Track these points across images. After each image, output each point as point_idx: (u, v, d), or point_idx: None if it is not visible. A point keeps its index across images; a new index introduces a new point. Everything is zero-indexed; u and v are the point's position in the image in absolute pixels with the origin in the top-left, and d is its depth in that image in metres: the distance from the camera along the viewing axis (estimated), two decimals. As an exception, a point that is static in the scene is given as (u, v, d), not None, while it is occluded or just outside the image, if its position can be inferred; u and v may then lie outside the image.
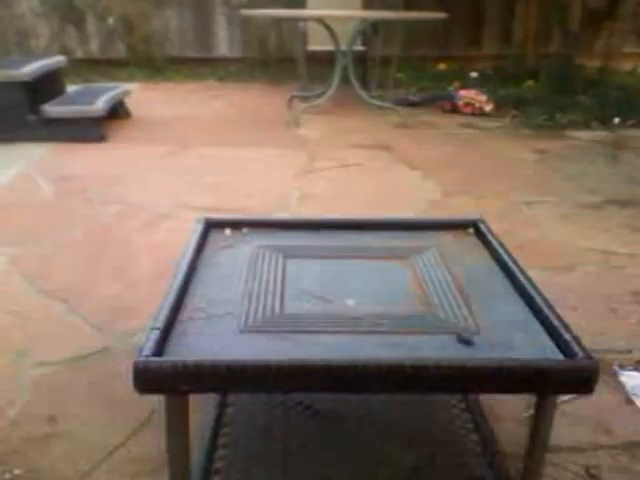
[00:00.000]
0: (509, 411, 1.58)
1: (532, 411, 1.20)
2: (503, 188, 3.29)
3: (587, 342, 1.87)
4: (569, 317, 2.01)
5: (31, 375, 1.72)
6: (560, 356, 1.19)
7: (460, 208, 2.98)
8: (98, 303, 2.08)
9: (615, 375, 1.76)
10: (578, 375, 1.14)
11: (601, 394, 1.67)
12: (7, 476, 1.35)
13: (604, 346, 1.87)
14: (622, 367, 1.80)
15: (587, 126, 4.59)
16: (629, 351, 1.87)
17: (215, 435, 1.38)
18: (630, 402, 1.66)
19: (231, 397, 1.54)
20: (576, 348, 1.17)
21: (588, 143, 4.26)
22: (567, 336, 1.21)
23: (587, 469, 1.43)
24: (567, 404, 1.61)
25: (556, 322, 1.27)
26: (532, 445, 1.21)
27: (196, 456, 1.28)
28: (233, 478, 1.28)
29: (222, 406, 1.47)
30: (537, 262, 2.43)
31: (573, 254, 2.56)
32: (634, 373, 1.77)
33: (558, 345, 1.21)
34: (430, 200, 3.12)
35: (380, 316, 1.32)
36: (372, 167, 3.66)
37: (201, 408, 1.43)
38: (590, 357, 1.15)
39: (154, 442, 1.38)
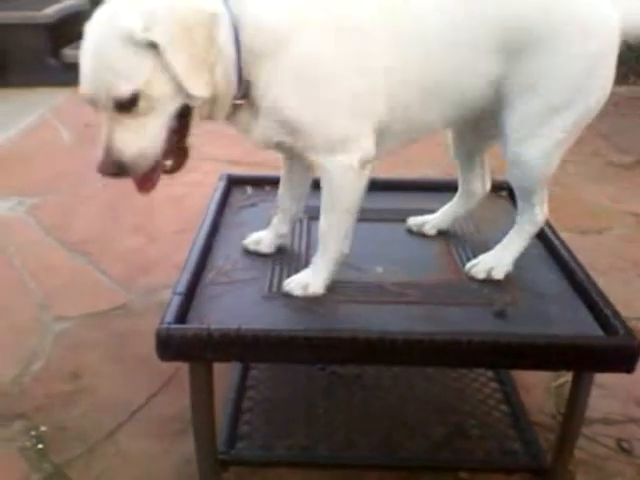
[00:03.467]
0: (538, 380, 1.54)
1: (562, 380, 1.16)
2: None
3: (623, 309, 1.84)
4: (603, 282, 1.96)
5: (53, 329, 1.71)
6: (600, 332, 1.13)
7: (490, 168, 2.87)
8: (118, 257, 2.05)
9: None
10: (618, 353, 1.08)
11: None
12: (33, 433, 1.35)
13: (635, 313, 1.81)
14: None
15: (624, 80, 4.36)
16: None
17: (239, 399, 1.36)
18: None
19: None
20: (617, 325, 1.11)
21: (624, 99, 4.05)
22: (608, 311, 1.15)
23: (619, 442, 1.40)
24: (600, 375, 1.57)
25: (596, 295, 1.20)
26: (567, 422, 1.17)
27: (221, 421, 1.27)
28: (257, 443, 1.26)
29: (246, 369, 1.45)
30: (567, 224, 2.33)
31: (604, 216, 2.46)
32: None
33: (598, 320, 1.16)
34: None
35: (410, 285, 1.26)
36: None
37: (226, 371, 1.41)
38: (632, 334, 1.09)
39: (178, 402, 1.37)
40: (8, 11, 4.00)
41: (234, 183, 1.69)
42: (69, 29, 4.15)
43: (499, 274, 1.28)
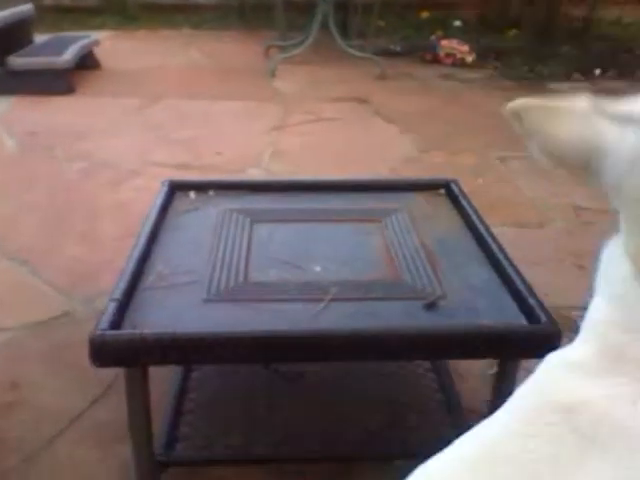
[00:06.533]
0: (473, 369, 1.60)
1: (496, 369, 1.21)
2: (480, 143, 3.24)
3: (553, 299, 1.92)
4: (537, 274, 2.03)
5: (-8, 341, 1.68)
6: (524, 321, 1.18)
7: (435, 165, 2.95)
8: (61, 265, 2.03)
9: (578, 332, 1.78)
10: (541, 340, 1.13)
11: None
12: None
13: (569, 302, 1.89)
14: (588, 325, 1.81)
15: (568, 78, 4.52)
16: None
17: (180, 401, 1.37)
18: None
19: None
20: (540, 313, 1.16)
21: (568, 96, 4.21)
22: (532, 301, 1.20)
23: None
24: (530, 361, 1.63)
25: (521, 286, 1.26)
26: (494, 407, 1.21)
27: (160, 423, 1.27)
28: (198, 443, 1.28)
29: (187, 371, 1.46)
30: (509, 218, 2.43)
31: (545, 210, 2.55)
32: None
33: (522, 310, 1.21)
34: (405, 156, 3.07)
35: (347, 283, 1.30)
36: (348, 121, 3.59)
37: (166, 374, 1.42)
38: (553, 322, 1.14)
39: (118, 408, 1.35)
40: (-51, 18, 3.89)
41: (177, 188, 1.70)
42: (14, 37, 4.07)
43: None
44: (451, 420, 1.37)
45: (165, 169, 2.67)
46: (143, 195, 2.33)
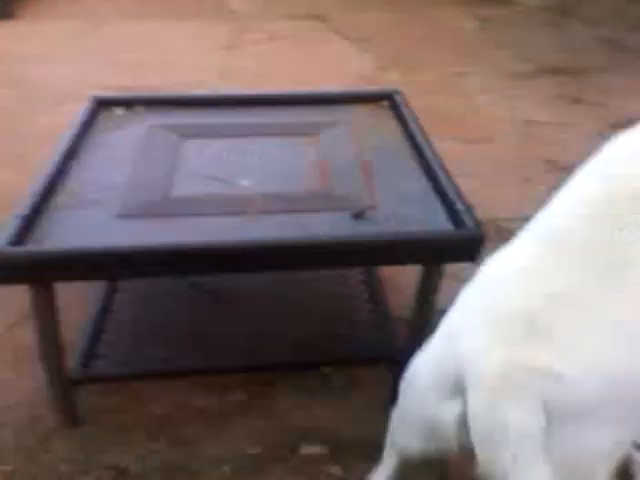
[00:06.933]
0: (410, 280, 1.58)
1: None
2: (438, 59, 3.14)
3: (498, 211, 1.90)
4: (484, 187, 2.00)
5: None
6: (451, 227, 1.15)
7: (391, 82, 2.84)
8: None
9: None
10: (464, 245, 1.11)
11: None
12: None
13: (513, 214, 1.87)
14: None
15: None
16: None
17: (101, 320, 1.34)
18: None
19: (123, 283, 1.48)
20: (466, 218, 1.13)
21: (533, 10, 4.06)
22: (459, 206, 1.17)
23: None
24: (467, 271, 1.62)
25: (452, 194, 1.22)
26: (418, 312, 1.20)
27: (78, 342, 1.24)
28: (117, 360, 1.25)
29: (111, 292, 1.42)
30: (460, 133, 2.38)
31: (496, 125, 2.50)
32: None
33: (451, 217, 1.18)
34: (361, 74, 2.96)
35: (274, 196, 1.25)
36: (304, 39, 3.43)
37: (89, 295, 1.38)
38: (477, 226, 1.12)
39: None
40: None
41: (103, 105, 1.60)
42: None
43: None
44: (378, 328, 1.36)
45: (106, 92, 2.53)
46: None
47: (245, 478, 1.15)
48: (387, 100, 1.66)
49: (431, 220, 1.18)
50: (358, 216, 1.19)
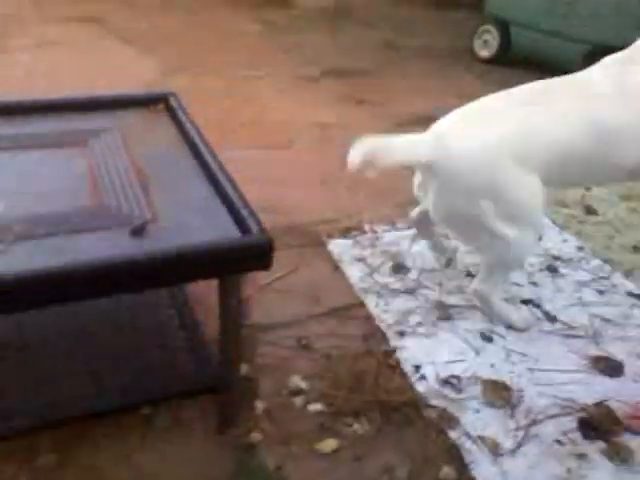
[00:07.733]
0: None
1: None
2: (224, 64, 3.10)
3: (300, 216, 1.89)
4: (284, 193, 1.99)
5: None
6: (238, 234, 1.08)
7: (179, 88, 2.72)
8: None
9: (325, 245, 1.78)
10: (253, 252, 1.05)
11: (312, 266, 1.68)
12: None
13: (315, 218, 1.88)
14: (330, 237, 1.82)
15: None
16: (337, 220, 1.90)
17: None
18: (337, 269, 1.69)
19: None
20: (251, 224, 1.07)
21: (313, 12, 4.23)
22: (244, 212, 1.10)
23: (299, 340, 1.43)
24: (279, 281, 1.58)
25: (236, 200, 1.15)
26: (224, 330, 1.12)
27: None
28: None
29: None
30: (257, 140, 2.35)
31: (291, 129, 2.53)
32: (340, 241, 1.81)
33: (237, 223, 1.11)
34: (147, 80, 2.80)
35: (37, 218, 1.08)
36: (79, 44, 3.16)
37: None
38: (264, 232, 1.06)
39: None
40: None
41: None
42: None
43: None
44: (194, 357, 1.25)
45: None
46: None
47: None
48: (162, 103, 1.56)
49: (218, 228, 1.10)
50: (137, 232, 1.07)
